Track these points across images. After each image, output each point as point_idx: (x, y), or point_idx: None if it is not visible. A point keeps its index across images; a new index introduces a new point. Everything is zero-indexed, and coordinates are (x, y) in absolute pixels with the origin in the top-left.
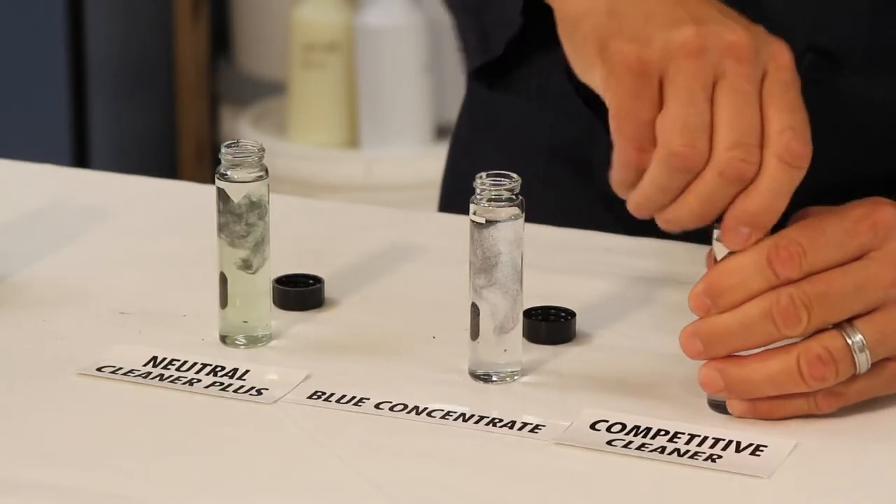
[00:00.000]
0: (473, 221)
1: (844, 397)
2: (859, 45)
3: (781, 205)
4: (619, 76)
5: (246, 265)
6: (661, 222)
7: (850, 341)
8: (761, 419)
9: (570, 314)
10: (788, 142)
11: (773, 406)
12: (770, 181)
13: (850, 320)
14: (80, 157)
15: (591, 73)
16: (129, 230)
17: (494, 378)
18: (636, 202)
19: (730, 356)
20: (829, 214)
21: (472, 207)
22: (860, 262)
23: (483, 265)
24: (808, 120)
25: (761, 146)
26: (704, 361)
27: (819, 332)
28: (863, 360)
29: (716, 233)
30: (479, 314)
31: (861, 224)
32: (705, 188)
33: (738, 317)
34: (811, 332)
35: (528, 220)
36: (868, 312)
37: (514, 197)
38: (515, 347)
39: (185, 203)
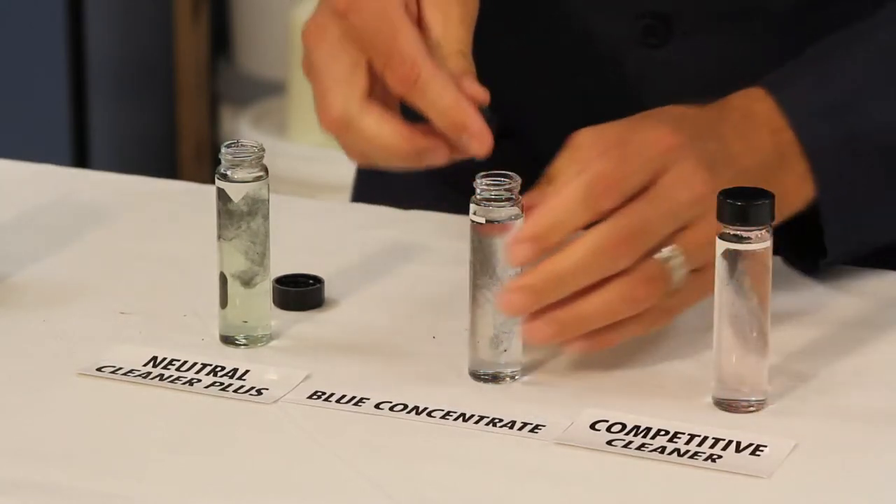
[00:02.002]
0: (473, 221)
1: (670, 311)
2: (690, 8)
3: None
4: None
5: (245, 279)
6: None
7: (666, 258)
8: (601, 349)
9: None
10: None
11: (610, 334)
12: None
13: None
14: (80, 157)
15: None
16: (129, 230)
17: (495, 378)
18: None
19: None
20: (626, 145)
21: (472, 207)
22: (661, 186)
23: (483, 265)
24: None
25: None
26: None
27: None
28: (681, 274)
29: None
30: (479, 314)
31: (654, 150)
32: None
33: (572, 259)
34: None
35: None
36: (677, 231)
37: (513, 197)
38: (515, 347)
39: (185, 203)
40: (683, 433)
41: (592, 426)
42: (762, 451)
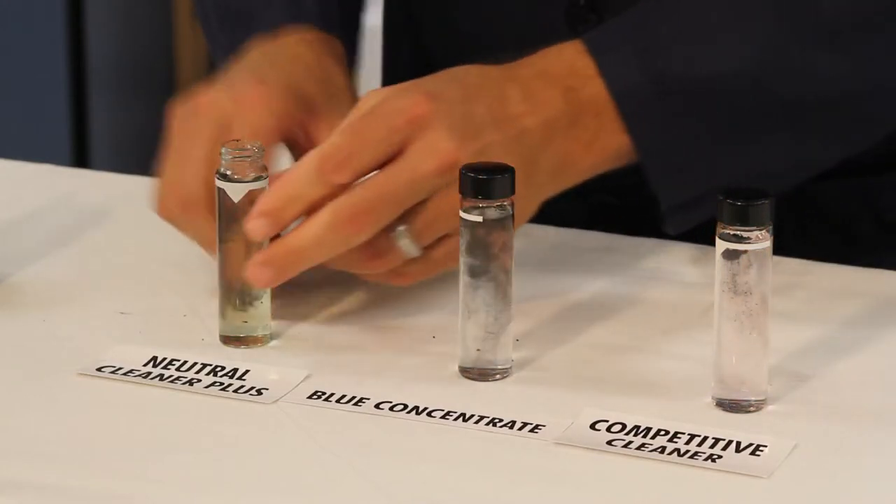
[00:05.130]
0: (463, 219)
1: (409, 276)
2: None
3: None
4: None
5: (243, 299)
6: None
7: (398, 235)
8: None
9: None
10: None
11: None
12: None
13: None
14: (80, 157)
15: None
16: (129, 230)
17: (485, 375)
18: None
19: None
20: (368, 116)
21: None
22: (404, 159)
23: (473, 264)
24: None
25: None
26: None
27: None
28: (407, 246)
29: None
30: (469, 314)
31: (398, 120)
32: None
33: (309, 234)
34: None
35: None
36: (423, 201)
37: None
38: (507, 345)
39: None
40: (683, 433)
41: (592, 426)
42: (762, 451)
